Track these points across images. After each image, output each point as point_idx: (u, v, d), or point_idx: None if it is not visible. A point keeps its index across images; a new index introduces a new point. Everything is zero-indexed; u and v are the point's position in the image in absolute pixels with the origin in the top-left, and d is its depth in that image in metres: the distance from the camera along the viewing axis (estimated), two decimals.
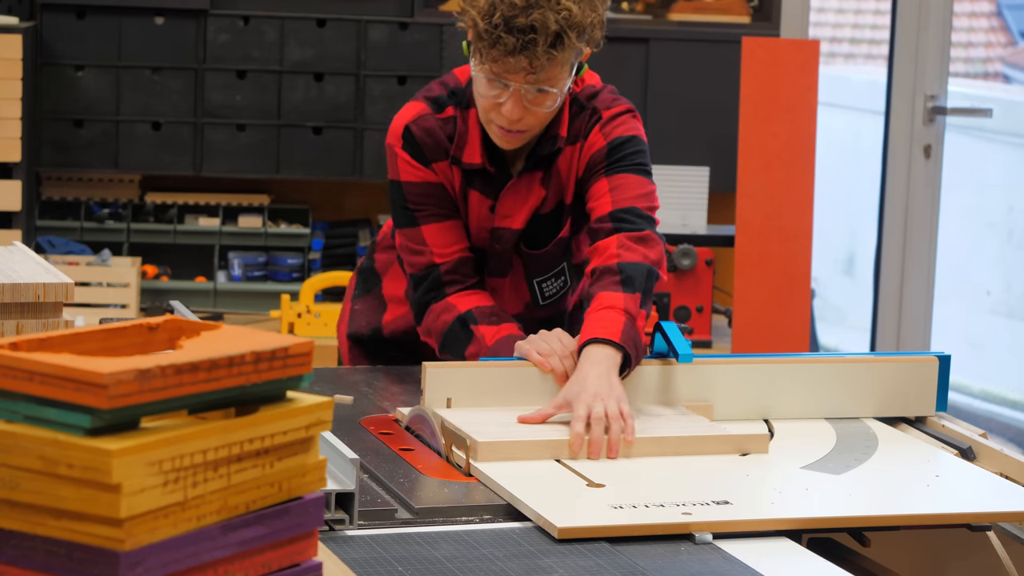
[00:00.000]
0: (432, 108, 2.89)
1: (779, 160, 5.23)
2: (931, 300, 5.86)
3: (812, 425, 2.75)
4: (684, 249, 5.08)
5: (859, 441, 2.67)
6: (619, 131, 2.88)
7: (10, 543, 1.51)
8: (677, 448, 2.53)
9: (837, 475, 2.47)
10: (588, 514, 2.21)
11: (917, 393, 2.84)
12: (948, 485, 2.49)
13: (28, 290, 2.22)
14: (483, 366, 2.70)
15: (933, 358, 2.86)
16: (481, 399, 2.65)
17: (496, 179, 2.90)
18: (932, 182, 5.81)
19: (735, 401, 2.75)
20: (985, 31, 8.35)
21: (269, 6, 5.43)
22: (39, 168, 5.42)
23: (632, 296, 2.69)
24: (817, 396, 2.79)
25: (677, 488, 2.35)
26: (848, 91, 7.61)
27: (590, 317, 2.68)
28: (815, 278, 5.64)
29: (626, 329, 2.64)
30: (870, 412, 2.81)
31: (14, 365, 1.49)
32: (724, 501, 2.29)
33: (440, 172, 2.89)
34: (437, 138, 2.87)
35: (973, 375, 7.02)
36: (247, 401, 1.59)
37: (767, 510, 2.30)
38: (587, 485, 2.35)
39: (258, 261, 5.59)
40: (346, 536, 2.09)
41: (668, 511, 2.23)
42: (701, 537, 2.17)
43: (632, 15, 5.75)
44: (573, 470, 2.42)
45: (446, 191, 2.90)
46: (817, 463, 2.53)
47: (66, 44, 5.35)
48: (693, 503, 2.26)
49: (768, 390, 2.77)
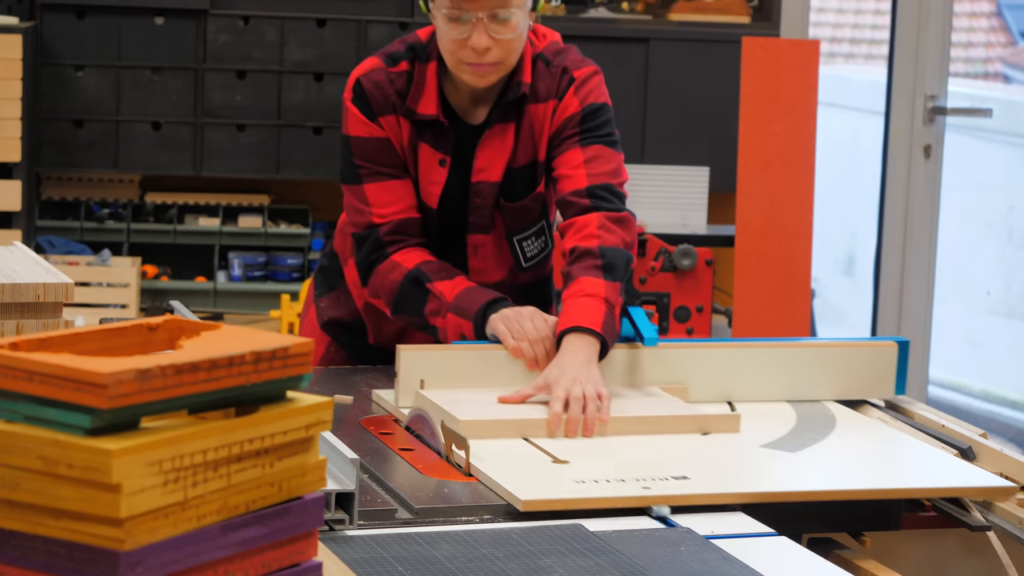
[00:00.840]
0: (386, 63, 2.95)
1: (779, 160, 5.23)
2: (931, 300, 5.86)
3: (774, 407, 2.85)
4: (684, 249, 5.08)
5: (818, 421, 2.77)
6: (592, 97, 2.96)
7: (10, 543, 1.51)
8: (650, 427, 2.63)
9: (793, 453, 2.57)
10: (552, 488, 2.30)
11: (877, 377, 2.93)
12: (901, 462, 2.60)
13: (28, 290, 2.22)
14: (456, 349, 2.77)
15: (892, 343, 2.94)
16: (454, 381, 2.73)
17: (448, 133, 2.94)
18: (932, 182, 5.81)
19: (700, 384, 2.84)
20: (985, 31, 8.35)
21: (269, 6, 5.43)
22: (39, 168, 5.42)
23: (613, 285, 2.78)
24: (779, 379, 2.88)
25: (638, 465, 2.44)
26: (848, 91, 7.61)
27: (571, 302, 2.76)
28: (815, 278, 5.64)
29: (606, 319, 2.73)
30: (831, 395, 2.90)
31: (14, 365, 1.49)
32: (683, 476, 2.38)
33: (387, 127, 2.93)
34: (386, 91, 2.93)
35: (973, 375, 7.02)
36: (247, 401, 1.59)
37: (723, 485, 2.39)
38: (552, 462, 2.45)
39: (258, 261, 5.59)
40: (346, 536, 2.09)
41: (628, 486, 2.32)
42: (658, 511, 2.26)
43: (632, 15, 5.75)
44: (539, 447, 2.52)
45: (392, 148, 2.94)
46: (775, 442, 2.63)
47: (66, 44, 5.35)
48: (653, 478, 2.36)
49: (732, 373, 2.86)
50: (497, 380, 2.75)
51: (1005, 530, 2.43)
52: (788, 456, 2.56)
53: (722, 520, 2.26)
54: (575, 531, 2.15)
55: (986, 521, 2.45)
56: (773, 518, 2.30)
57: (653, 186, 5.43)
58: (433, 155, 2.95)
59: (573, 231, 2.86)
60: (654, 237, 5.11)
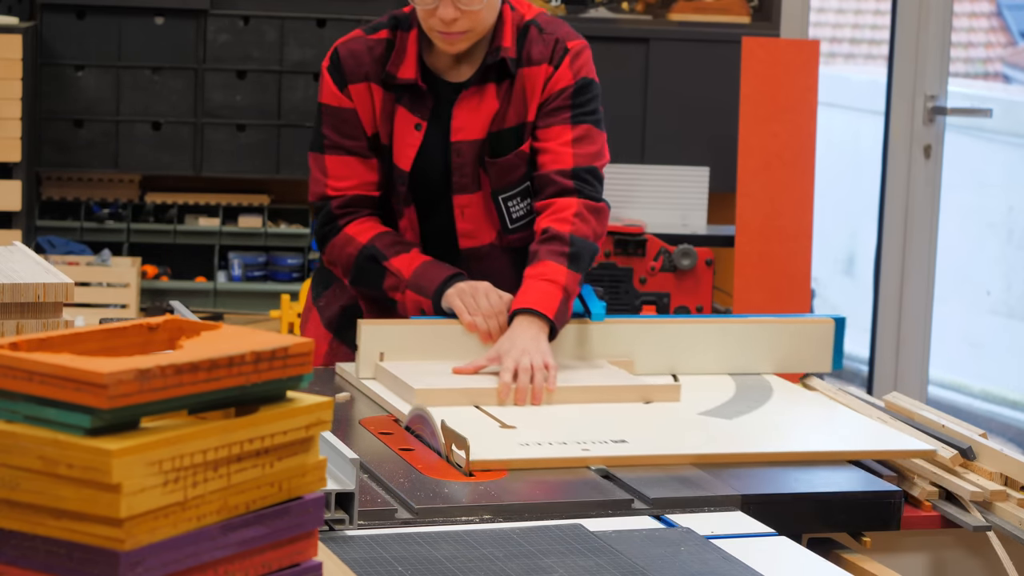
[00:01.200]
0: (366, 31, 3.07)
1: (779, 160, 5.23)
2: (931, 300, 5.86)
3: (715, 379, 3.02)
4: (684, 249, 5.08)
5: (755, 392, 2.94)
6: (584, 71, 3.07)
7: (10, 543, 1.51)
8: (594, 396, 2.80)
9: (729, 419, 2.75)
10: (497, 450, 2.46)
11: (814, 351, 3.10)
12: (829, 429, 2.74)
13: (28, 290, 2.22)
14: (415, 323, 2.93)
15: (829, 319, 3.11)
16: (413, 353, 2.90)
17: (425, 97, 3.02)
18: (932, 182, 5.81)
19: (646, 357, 3.02)
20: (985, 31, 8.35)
21: (269, 6, 5.43)
22: (39, 168, 5.42)
23: (574, 275, 2.93)
24: (721, 353, 3.05)
25: (580, 429, 2.61)
26: (848, 91, 7.61)
27: (530, 283, 2.91)
28: (815, 278, 5.64)
29: (560, 307, 2.89)
30: (770, 368, 3.08)
31: (14, 365, 1.49)
32: (621, 440, 2.55)
33: (356, 95, 3.02)
34: (361, 59, 3.02)
35: (973, 375, 7.02)
36: (247, 401, 1.59)
37: (658, 447, 2.54)
38: (500, 427, 2.62)
39: (258, 261, 5.59)
40: (346, 536, 2.09)
41: (569, 447, 2.50)
42: (597, 469, 2.43)
43: (632, 15, 5.75)
44: (488, 414, 2.69)
45: (357, 121, 3.03)
46: (713, 410, 2.80)
47: (66, 44, 5.35)
48: (592, 441, 2.53)
49: (676, 347, 3.03)
50: (453, 353, 2.90)
51: (1005, 530, 2.43)
52: (724, 422, 2.72)
53: (722, 520, 2.27)
54: (575, 531, 2.15)
55: (986, 521, 2.45)
56: (773, 518, 2.30)
57: (653, 186, 5.43)
58: (409, 119, 3.03)
59: (550, 212, 2.99)
60: (654, 237, 5.11)
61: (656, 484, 2.38)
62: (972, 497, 2.50)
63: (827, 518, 2.41)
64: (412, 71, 3.00)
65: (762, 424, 2.74)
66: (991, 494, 2.50)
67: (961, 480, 2.54)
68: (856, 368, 6.95)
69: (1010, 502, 2.50)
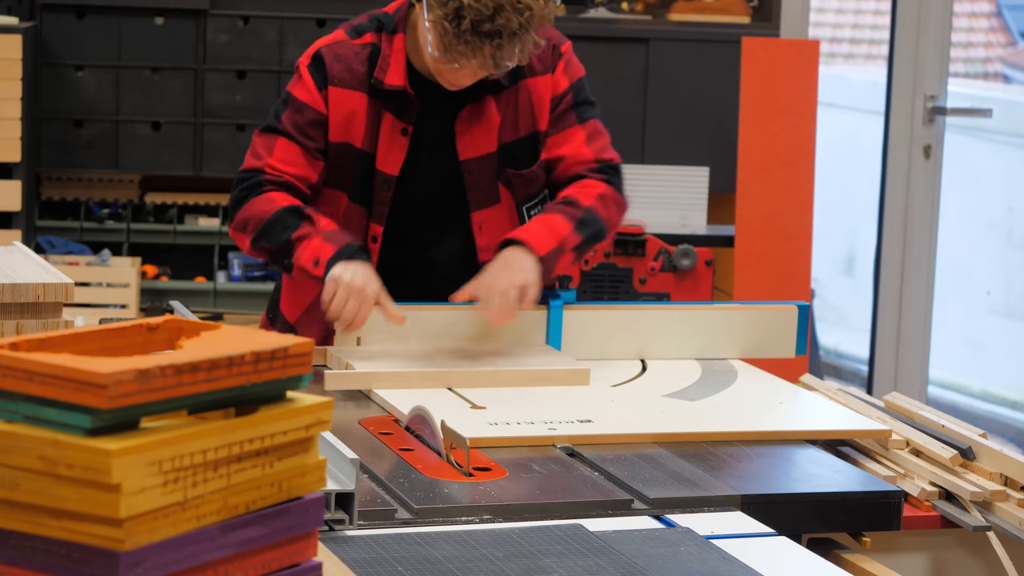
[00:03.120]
0: (350, 35, 3.02)
1: (779, 160, 5.23)
2: (931, 300, 5.86)
3: (682, 363, 3.09)
4: (684, 249, 5.08)
5: (720, 376, 3.01)
6: (575, 69, 3.08)
7: (10, 543, 1.51)
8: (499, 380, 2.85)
9: (693, 401, 2.82)
10: (468, 429, 2.48)
11: (778, 337, 3.17)
12: (788, 410, 2.82)
13: (28, 290, 2.22)
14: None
15: (793, 307, 3.18)
16: (389, 339, 2.96)
17: (412, 104, 2.99)
18: (932, 182, 5.81)
19: (615, 344, 3.09)
20: (985, 31, 8.35)
21: (269, 6, 5.43)
22: (39, 168, 5.42)
23: (576, 236, 2.96)
24: (688, 339, 3.13)
25: (547, 410, 2.69)
26: (848, 91, 7.61)
27: (531, 224, 2.96)
28: (815, 278, 5.64)
29: (551, 253, 2.91)
30: (736, 353, 3.15)
31: (14, 365, 1.49)
32: (587, 420, 2.63)
33: (334, 100, 2.97)
34: (347, 64, 2.98)
35: (973, 375, 7.02)
36: (247, 401, 1.59)
37: (623, 427, 2.61)
38: (471, 407, 2.70)
39: (258, 261, 5.59)
40: (346, 536, 2.09)
41: (536, 427, 2.58)
42: (562, 447, 2.52)
43: (632, 15, 5.75)
44: (460, 395, 2.77)
45: (323, 127, 2.98)
46: (678, 392, 2.87)
47: (66, 44, 5.35)
48: (559, 421, 2.61)
49: (644, 333, 3.11)
50: (427, 338, 2.97)
51: (1005, 530, 2.43)
52: (688, 404, 2.80)
53: (722, 520, 2.27)
54: (575, 531, 2.15)
55: (986, 521, 2.45)
56: (773, 518, 2.30)
57: (653, 186, 5.43)
58: (396, 124, 3.01)
59: (578, 185, 3.04)
60: (654, 237, 5.11)
61: (656, 484, 2.38)
62: (972, 497, 2.50)
63: (827, 518, 2.41)
64: (400, 78, 2.97)
65: (725, 405, 2.81)
66: (991, 494, 2.50)
67: (961, 480, 2.54)
68: (856, 368, 6.96)
69: (1010, 502, 2.50)
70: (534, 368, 2.89)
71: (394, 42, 2.98)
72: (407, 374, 2.82)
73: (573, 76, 3.06)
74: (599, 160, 3.06)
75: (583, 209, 2.98)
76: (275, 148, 2.99)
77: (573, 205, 2.99)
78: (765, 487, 2.45)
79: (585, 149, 3.06)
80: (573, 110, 3.06)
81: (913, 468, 2.59)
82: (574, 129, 3.06)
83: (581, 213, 2.98)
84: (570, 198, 3.01)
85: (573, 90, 3.06)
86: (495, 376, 2.86)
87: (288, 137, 2.99)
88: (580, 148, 3.05)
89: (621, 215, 3.07)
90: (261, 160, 3.00)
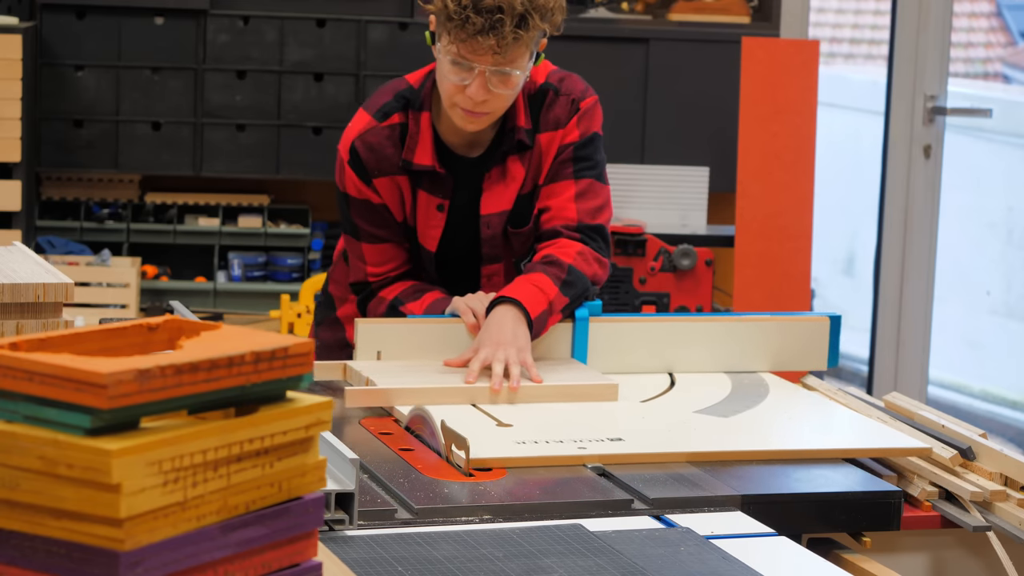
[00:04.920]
0: (377, 118, 3.01)
1: (779, 160, 5.23)
2: (931, 300, 5.86)
3: (711, 377, 3.03)
4: (684, 249, 5.08)
5: (751, 390, 2.95)
6: (591, 128, 3.05)
7: (10, 543, 1.51)
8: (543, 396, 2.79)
9: (725, 418, 2.75)
10: (495, 448, 2.47)
11: (809, 349, 3.11)
12: (825, 427, 2.75)
13: (28, 290, 2.22)
14: (411, 322, 2.96)
15: (824, 317, 3.12)
16: (410, 353, 2.93)
17: (445, 180, 3.01)
18: (932, 182, 5.81)
19: (642, 356, 3.04)
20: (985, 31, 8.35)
21: (269, 6, 5.43)
22: (39, 168, 5.42)
23: (563, 299, 2.93)
24: (717, 351, 3.07)
25: (576, 427, 2.62)
26: (848, 91, 7.61)
27: (520, 282, 2.91)
28: (815, 278, 5.64)
29: (542, 314, 2.89)
30: (767, 366, 3.09)
31: (14, 365, 1.49)
32: (618, 438, 2.56)
33: (382, 188, 3.02)
34: (381, 153, 2.99)
35: (973, 375, 7.01)
36: (247, 401, 1.59)
37: (655, 446, 2.55)
38: (497, 425, 2.63)
39: (258, 261, 5.58)
40: (346, 536, 2.09)
41: (565, 446, 2.51)
42: (593, 467, 2.44)
43: (632, 15, 5.74)
44: (485, 412, 2.70)
45: (386, 211, 3.04)
46: (709, 408, 2.81)
47: (66, 44, 5.35)
48: (589, 440, 2.54)
49: (672, 346, 3.05)
50: (450, 352, 2.92)
51: (1005, 530, 2.43)
52: (720, 420, 2.73)
53: (722, 520, 2.27)
54: (575, 531, 2.15)
55: (986, 521, 2.45)
56: (773, 518, 2.30)
57: (653, 186, 5.43)
58: (431, 201, 3.03)
59: (555, 246, 3.00)
60: (654, 237, 5.11)
61: (656, 484, 2.38)
62: (972, 497, 2.50)
63: (827, 518, 2.41)
64: (428, 157, 2.99)
65: (758, 422, 2.75)
66: (991, 494, 2.50)
67: (961, 480, 2.54)
68: (856, 368, 6.95)
69: (1010, 502, 2.50)
70: (561, 384, 2.83)
71: (421, 119, 2.99)
72: (430, 390, 2.75)
73: (585, 130, 3.03)
74: (580, 222, 3.01)
75: (565, 267, 2.95)
76: (365, 255, 3.08)
77: (555, 264, 2.95)
78: (765, 487, 2.44)
79: (571, 206, 3.02)
80: (572, 163, 3.03)
81: (913, 468, 2.59)
82: (567, 183, 3.03)
83: (564, 273, 2.94)
84: (550, 257, 2.96)
85: (579, 143, 3.03)
86: (521, 392, 2.79)
87: (370, 239, 3.07)
88: (566, 204, 3.02)
89: (604, 270, 3.02)
90: (362, 272, 3.10)
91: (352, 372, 2.89)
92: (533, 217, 3.06)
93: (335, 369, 2.95)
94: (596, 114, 3.05)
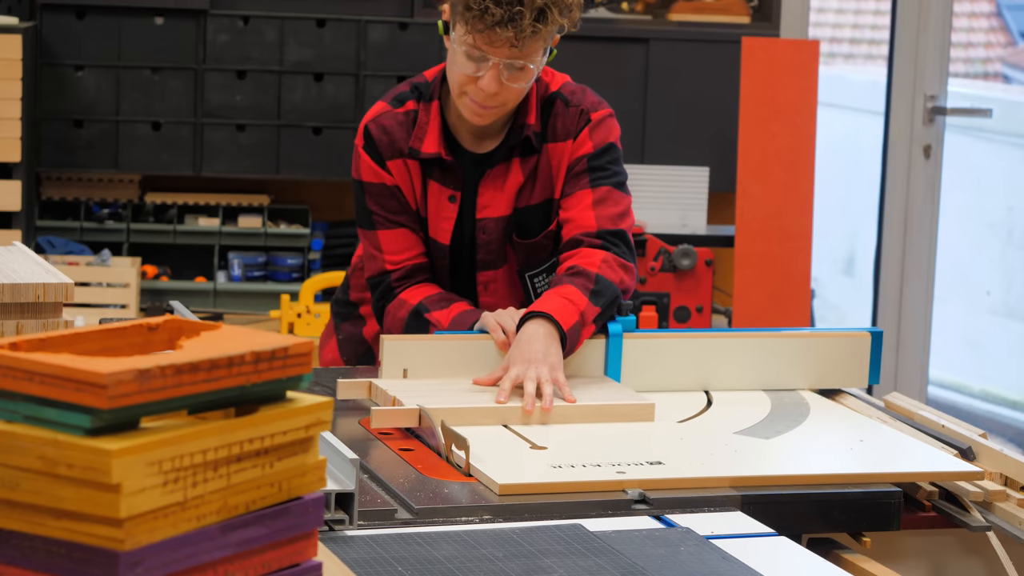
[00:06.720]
0: (392, 104, 3.01)
1: (779, 160, 5.23)
2: (931, 300, 5.86)
3: (749, 395, 2.92)
4: (684, 249, 5.08)
5: (792, 409, 2.84)
6: (602, 136, 2.99)
7: (10, 543, 1.51)
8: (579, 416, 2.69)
9: (767, 439, 2.64)
10: (529, 473, 2.37)
11: (851, 366, 3.00)
12: (871, 449, 2.64)
13: (28, 290, 2.22)
14: (439, 339, 2.86)
15: (866, 333, 3.01)
16: (437, 370, 2.83)
17: (455, 169, 2.99)
18: (932, 182, 5.81)
19: (677, 374, 2.93)
20: (985, 31, 8.35)
21: (269, 6, 5.43)
22: (39, 168, 5.42)
23: (594, 308, 2.84)
24: (755, 368, 2.96)
25: (614, 450, 2.51)
26: (848, 91, 7.61)
27: (549, 296, 2.83)
28: (815, 278, 5.64)
29: (574, 328, 2.80)
30: (806, 384, 2.99)
31: (14, 365, 1.49)
32: (657, 462, 2.45)
33: (396, 171, 2.99)
34: (393, 135, 2.98)
35: (973, 375, 7.01)
36: (247, 401, 1.59)
37: (697, 470, 2.43)
38: (530, 448, 2.52)
39: (258, 261, 5.59)
40: (346, 536, 2.09)
41: (604, 470, 2.39)
42: (632, 493, 2.32)
43: (632, 15, 5.75)
44: (518, 434, 2.60)
45: (401, 195, 3.01)
46: (750, 429, 2.70)
47: (66, 44, 5.35)
48: (628, 463, 2.43)
49: (708, 363, 2.94)
50: (476, 369, 2.83)
51: (1005, 530, 2.43)
52: (762, 442, 2.63)
53: (722, 520, 2.27)
54: (575, 531, 2.15)
55: (986, 521, 2.45)
56: (773, 518, 2.30)
57: (653, 186, 5.43)
58: (442, 192, 3.01)
59: (578, 256, 2.93)
60: (654, 237, 5.11)
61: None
62: (972, 497, 2.50)
63: (827, 518, 2.41)
64: (435, 145, 2.96)
65: (802, 444, 2.64)
66: (991, 494, 2.50)
67: (961, 480, 2.53)
68: None
69: (1010, 502, 2.50)
70: (596, 403, 2.71)
71: (431, 109, 2.98)
72: (460, 410, 2.62)
73: (599, 141, 2.99)
74: (601, 228, 2.94)
75: (592, 277, 2.87)
76: (382, 243, 3.02)
77: (582, 275, 2.87)
78: (765, 487, 2.44)
79: (589, 213, 2.96)
80: (587, 173, 2.98)
81: None
82: (583, 192, 2.97)
83: (592, 283, 2.85)
84: (574, 268, 2.89)
85: (593, 154, 2.98)
86: (554, 412, 2.67)
87: (386, 225, 3.01)
88: (584, 212, 2.96)
89: (632, 277, 2.94)
90: (380, 261, 3.03)
91: (378, 391, 2.77)
92: (547, 232, 3.03)
93: (360, 388, 2.82)
94: (611, 126, 3.01)
